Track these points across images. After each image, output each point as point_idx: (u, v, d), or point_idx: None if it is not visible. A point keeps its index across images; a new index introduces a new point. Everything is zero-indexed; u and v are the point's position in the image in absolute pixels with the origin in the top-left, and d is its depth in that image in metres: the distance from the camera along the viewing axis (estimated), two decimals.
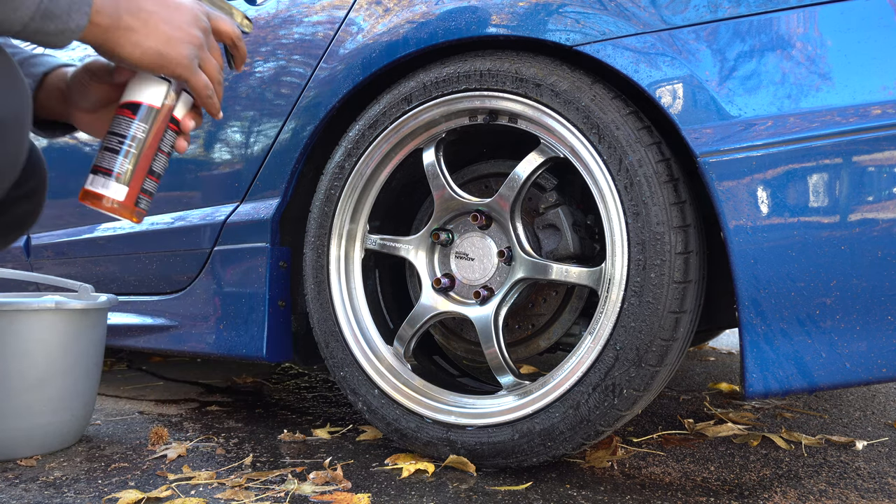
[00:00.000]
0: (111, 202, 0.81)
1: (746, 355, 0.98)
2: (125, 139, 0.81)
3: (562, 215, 1.27)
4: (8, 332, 1.29)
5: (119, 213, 0.82)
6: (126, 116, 0.81)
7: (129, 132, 0.81)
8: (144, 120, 0.81)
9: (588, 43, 1.08)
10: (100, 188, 0.80)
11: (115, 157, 0.81)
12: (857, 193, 0.91)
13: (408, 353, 1.33)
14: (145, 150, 0.82)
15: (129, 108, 0.81)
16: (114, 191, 0.81)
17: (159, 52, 0.76)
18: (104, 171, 0.81)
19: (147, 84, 0.82)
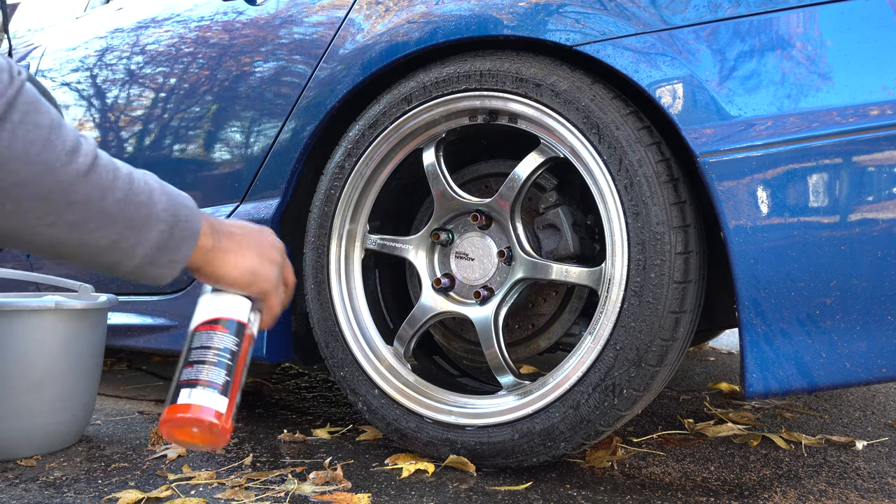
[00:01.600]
0: (212, 414, 0.74)
1: (746, 355, 0.98)
2: (220, 351, 0.78)
3: (562, 215, 1.27)
4: (8, 332, 1.29)
5: (213, 432, 0.75)
6: (217, 331, 0.79)
7: (222, 344, 0.79)
8: (236, 334, 0.80)
9: (588, 43, 1.08)
10: (199, 400, 0.74)
11: (212, 369, 0.77)
12: (857, 193, 0.91)
13: (408, 353, 1.33)
14: (239, 363, 0.80)
15: (217, 322, 0.79)
16: (216, 402, 0.75)
17: (253, 271, 0.81)
18: (202, 383, 0.75)
19: (231, 301, 0.81)
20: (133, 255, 0.70)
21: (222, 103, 1.59)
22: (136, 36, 1.84)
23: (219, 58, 1.61)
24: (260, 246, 0.83)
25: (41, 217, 0.64)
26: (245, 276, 0.81)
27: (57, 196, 0.64)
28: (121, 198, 0.69)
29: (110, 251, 0.69)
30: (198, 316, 0.81)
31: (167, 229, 0.72)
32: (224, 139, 1.59)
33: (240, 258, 0.80)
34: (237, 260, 0.80)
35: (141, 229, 0.70)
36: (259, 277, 0.82)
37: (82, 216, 0.66)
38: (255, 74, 1.53)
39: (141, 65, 1.79)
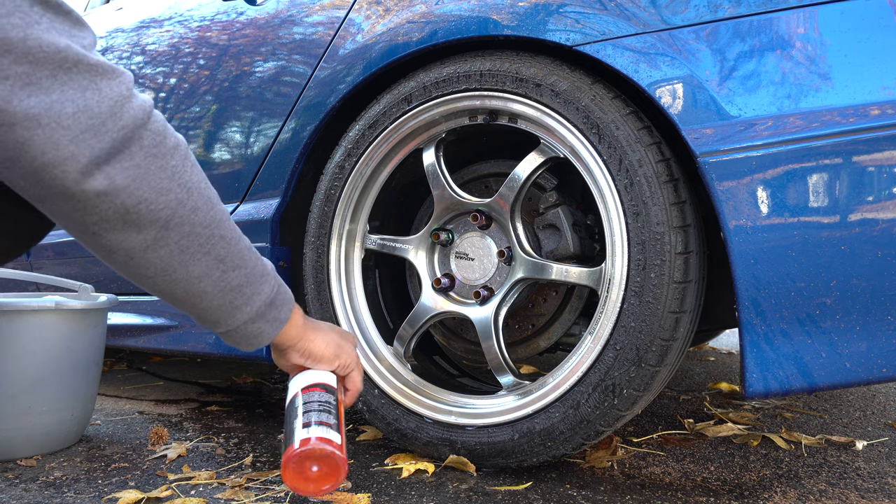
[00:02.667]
0: (331, 447, 0.83)
1: (746, 355, 0.98)
2: (325, 403, 0.90)
3: (562, 215, 1.27)
4: (8, 331, 1.29)
5: (337, 458, 0.83)
6: (317, 391, 0.91)
7: (324, 399, 0.90)
8: (331, 392, 0.92)
9: (588, 43, 1.08)
10: (318, 433, 0.84)
11: (322, 414, 0.87)
12: (857, 193, 0.91)
13: (408, 353, 1.33)
14: (339, 412, 0.91)
15: (319, 386, 0.92)
16: (332, 435, 0.85)
17: (339, 347, 0.95)
18: (317, 422, 0.86)
19: (321, 373, 0.94)
20: (251, 303, 0.80)
21: (222, 103, 1.59)
22: (136, 36, 1.84)
23: (219, 58, 1.61)
24: (337, 329, 0.98)
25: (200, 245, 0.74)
26: (334, 351, 0.94)
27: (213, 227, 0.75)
28: (248, 245, 0.80)
29: (236, 294, 0.79)
30: (294, 387, 0.92)
31: (276, 286, 0.83)
32: (224, 139, 1.59)
33: (327, 337, 0.94)
34: (326, 337, 0.94)
35: (261, 279, 0.81)
36: (344, 353, 0.96)
37: (227, 251, 0.77)
38: (255, 74, 1.53)
39: (141, 65, 1.79)
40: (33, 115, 0.63)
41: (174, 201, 0.72)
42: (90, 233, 0.70)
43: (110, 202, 0.68)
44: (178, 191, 0.72)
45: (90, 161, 0.66)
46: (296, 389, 0.92)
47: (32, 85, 0.63)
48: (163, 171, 0.71)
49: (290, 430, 0.87)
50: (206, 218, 0.74)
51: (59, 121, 0.64)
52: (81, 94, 0.66)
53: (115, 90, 0.68)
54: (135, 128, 0.69)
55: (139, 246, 0.72)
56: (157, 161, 0.71)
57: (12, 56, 0.62)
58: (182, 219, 0.73)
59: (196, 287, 0.76)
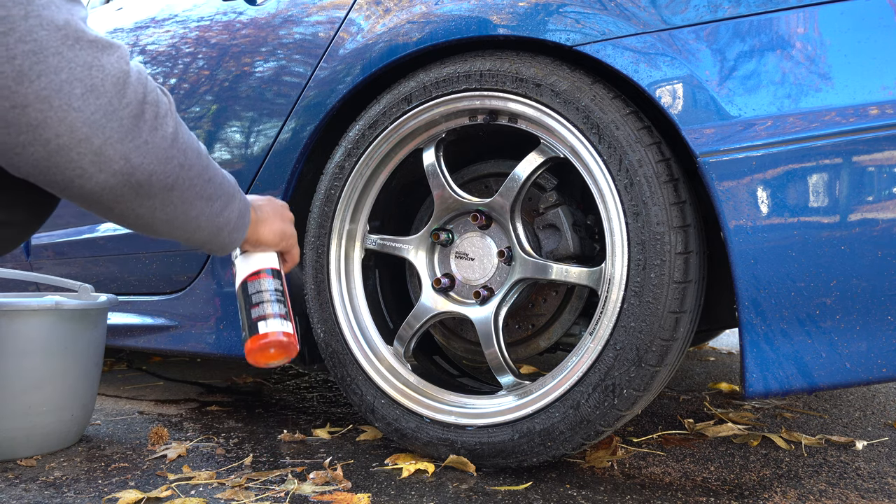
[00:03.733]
0: (286, 336, 0.97)
1: (746, 355, 0.98)
2: (273, 291, 1.00)
3: (562, 215, 1.27)
4: (8, 331, 1.29)
5: (288, 348, 0.98)
6: (263, 278, 1.01)
7: (272, 286, 1.01)
8: (276, 277, 1.02)
9: (588, 43, 1.08)
10: (274, 327, 0.97)
11: (272, 304, 0.99)
12: (857, 193, 0.91)
13: (408, 353, 1.33)
14: (286, 298, 1.02)
15: (264, 272, 1.01)
16: (285, 326, 0.98)
17: (282, 233, 1.04)
18: (271, 316, 0.98)
19: (263, 256, 1.03)
20: (230, 221, 0.88)
21: (222, 103, 1.59)
22: (136, 36, 1.84)
23: (219, 58, 1.61)
24: (279, 212, 1.05)
25: (197, 193, 0.80)
26: (277, 237, 1.03)
27: (204, 173, 0.81)
28: (220, 171, 0.86)
29: (220, 219, 0.86)
30: (241, 272, 1.02)
31: (240, 197, 0.91)
32: (224, 139, 1.59)
33: (273, 225, 1.02)
34: (271, 227, 1.01)
35: (233, 197, 0.88)
36: (286, 237, 1.05)
37: (213, 189, 0.83)
38: (255, 74, 1.53)
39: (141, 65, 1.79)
40: (45, 97, 0.63)
41: (177, 166, 0.76)
42: (104, 207, 0.73)
43: (126, 181, 0.71)
44: (178, 155, 0.76)
45: (104, 142, 0.67)
46: (245, 273, 1.01)
47: (40, 63, 0.63)
48: (164, 141, 0.74)
49: (247, 318, 0.98)
50: (198, 169, 0.80)
51: (70, 102, 0.64)
52: (87, 72, 0.66)
53: (115, 66, 0.69)
54: (138, 104, 0.71)
55: (149, 210, 0.77)
56: (159, 132, 0.73)
57: (17, 34, 0.61)
58: (183, 178, 0.78)
59: (193, 224, 0.83)
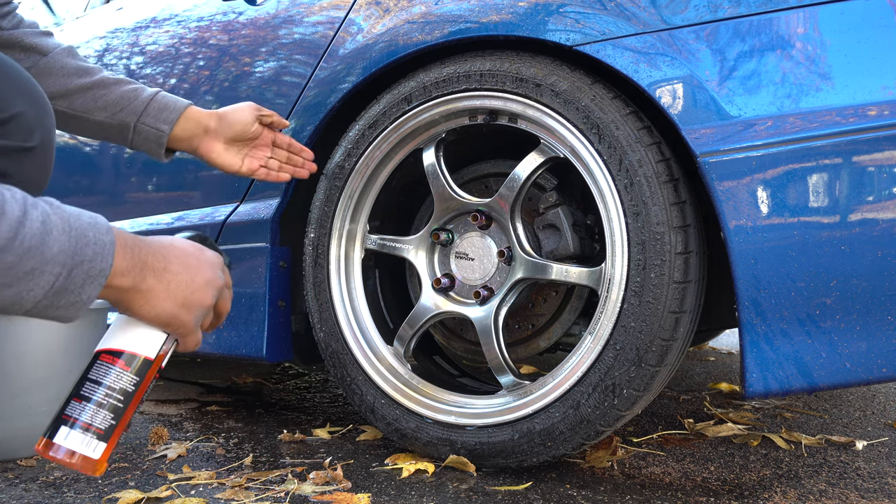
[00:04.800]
0: (83, 459, 0.71)
1: (746, 355, 0.98)
2: (113, 392, 0.73)
3: (562, 215, 1.27)
4: (8, 332, 1.29)
5: (85, 470, 0.72)
6: (115, 365, 0.73)
7: (118, 384, 0.73)
8: (138, 373, 0.74)
9: (588, 43, 1.08)
10: (74, 444, 0.71)
11: (98, 412, 0.72)
12: (857, 193, 0.91)
13: (408, 353, 1.33)
14: (132, 404, 0.74)
15: (120, 356, 0.74)
16: (91, 448, 0.71)
17: (174, 315, 0.74)
18: (82, 426, 0.71)
19: (143, 334, 0.75)
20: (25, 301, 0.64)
21: (222, 103, 1.59)
22: (136, 36, 1.84)
23: (219, 58, 1.61)
24: (191, 286, 0.75)
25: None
26: (163, 318, 0.74)
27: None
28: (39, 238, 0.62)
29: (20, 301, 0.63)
30: (105, 338, 0.76)
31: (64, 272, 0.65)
32: None
33: (160, 300, 0.73)
34: (157, 302, 0.73)
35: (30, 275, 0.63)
36: (178, 321, 0.75)
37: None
38: (255, 74, 1.53)
39: (141, 65, 1.79)
40: None
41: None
42: None
43: None
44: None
45: None
46: (102, 344, 0.76)
47: None
48: None
49: (60, 407, 0.73)
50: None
51: None
52: None
53: None
54: None
55: None
56: None
57: None
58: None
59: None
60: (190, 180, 1.65)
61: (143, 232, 1.71)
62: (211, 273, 0.78)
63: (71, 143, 1.95)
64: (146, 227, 1.71)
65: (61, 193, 1.92)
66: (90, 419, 0.71)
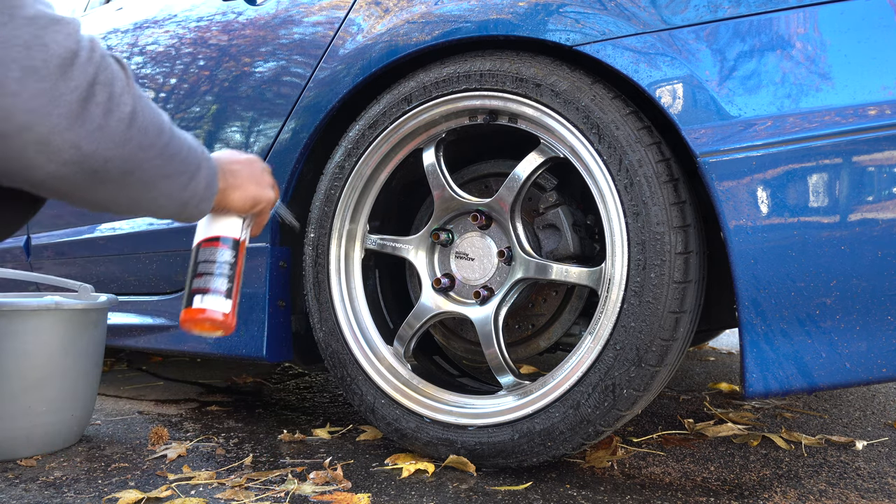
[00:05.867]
0: (218, 314, 0.94)
1: (746, 355, 0.98)
2: (221, 263, 0.96)
3: (562, 215, 1.27)
4: (8, 332, 1.29)
5: (221, 327, 0.95)
6: (216, 247, 0.97)
7: (223, 258, 0.97)
8: (232, 248, 0.98)
9: (588, 43, 1.08)
10: (209, 305, 0.94)
11: (217, 279, 0.95)
12: (857, 193, 0.91)
13: (408, 353, 1.33)
14: (237, 273, 0.98)
15: (217, 240, 0.97)
16: (221, 305, 0.95)
17: (254, 200, 0.97)
18: (210, 291, 0.94)
19: (227, 222, 0.98)
20: (196, 194, 0.83)
21: (222, 103, 1.59)
22: (136, 36, 1.84)
23: (218, 58, 1.61)
24: (255, 175, 0.98)
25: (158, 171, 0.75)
26: (249, 203, 0.96)
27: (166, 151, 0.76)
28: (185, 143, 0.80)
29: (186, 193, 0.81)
30: (199, 233, 0.98)
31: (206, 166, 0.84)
32: (224, 139, 1.59)
33: (243, 191, 0.95)
34: (243, 193, 0.95)
35: (198, 169, 0.82)
36: (258, 202, 0.98)
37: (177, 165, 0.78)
38: (255, 74, 1.53)
39: (141, 65, 1.79)
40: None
41: (136, 147, 0.71)
42: (61, 195, 0.69)
43: (78, 169, 0.66)
44: (136, 136, 0.71)
45: (50, 130, 0.62)
46: (202, 236, 0.98)
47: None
48: (120, 123, 0.69)
49: (189, 286, 0.96)
50: (160, 147, 0.74)
51: (6, 86, 0.59)
52: (26, 52, 0.60)
53: (61, 44, 0.62)
54: (88, 85, 0.65)
55: (109, 193, 0.72)
56: (114, 114, 0.68)
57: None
58: (143, 160, 0.73)
59: (157, 203, 0.79)
60: None
61: (144, 232, 1.71)
62: (260, 164, 1.01)
63: None
64: (146, 227, 1.71)
65: None
66: (212, 285, 0.95)
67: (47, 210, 2.00)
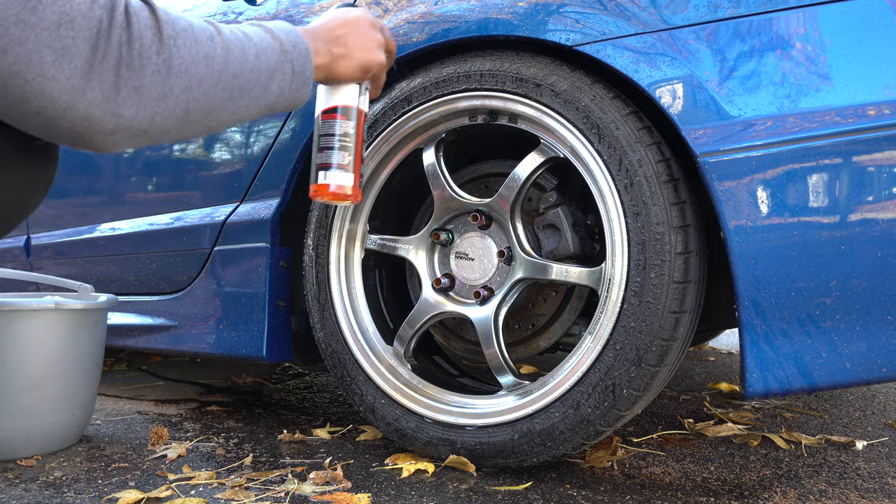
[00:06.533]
0: (343, 189, 0.98)
1: (746, 355, 0.98)
2: (342, 137, 0.98)
3: (562, 215, 1.27)
4: (8, 332, 1.29)
5: (348, 199, 1.00)
6: (334, 119, 0.98)
7: (342, 130, 0.98)
8: (350, 118, 0.98)
9: (588, 43, 1.08)
10: (333, 181, 0.97)
11: (337, 153, 0.97)
12: (857, 193, 0.91)
13: (408, 353, 1.33)
14: (357, 141, 0.99)
15: (336, 111, 0.98)
16: (344, 179, 0.98)
17: (363, 66, 0.95)
18: (332, 166, 0.97)
19: (343, 90, 0.98)
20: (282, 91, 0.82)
21: None
22: None
23: None
24: (363, 37, 0.95)
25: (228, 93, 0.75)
26: (359, 71, 0.95)
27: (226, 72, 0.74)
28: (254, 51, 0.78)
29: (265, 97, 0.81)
30: (318, 104, 1.00)
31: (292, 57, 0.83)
32: (224, 139, 1.59)
33: (349, 60, 0.93)
34: (349, 63, 0.93)
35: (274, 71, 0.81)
36: (368, 67, 0.96)
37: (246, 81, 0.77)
38: None
39: None
40: (17, 72, 0.59)
41: (183, 91, 0.68)
42: (128, 149, 0.70)
43: (127, 133, 0.66)
44: (180, 80, 0.68)
45: (88, 107, 0.62)
46: (320, 107, 1.00)
47: (4, 38, 0.57)
48: (157, 76, 0.66)
49: (314, 160, 0.99)
50: (215, 76, 0.72)
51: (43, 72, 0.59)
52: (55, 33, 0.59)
53: (87, 15, 0.61)
54: (117, 51, 0.63)
55: (177, 135, 0.72)
56: (148, 69, 0.66)
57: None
58: (198, 97, 0.70)
59: (237, 118, 0.79)
60: (190, 180, 1.65)
61: (144, 232, 1.71)
62: (369, 21, 0.97)
63: None
64: (146, 227, 1.71)
65: (61, 193, 1.92)
66: (333, 159, 0.98)
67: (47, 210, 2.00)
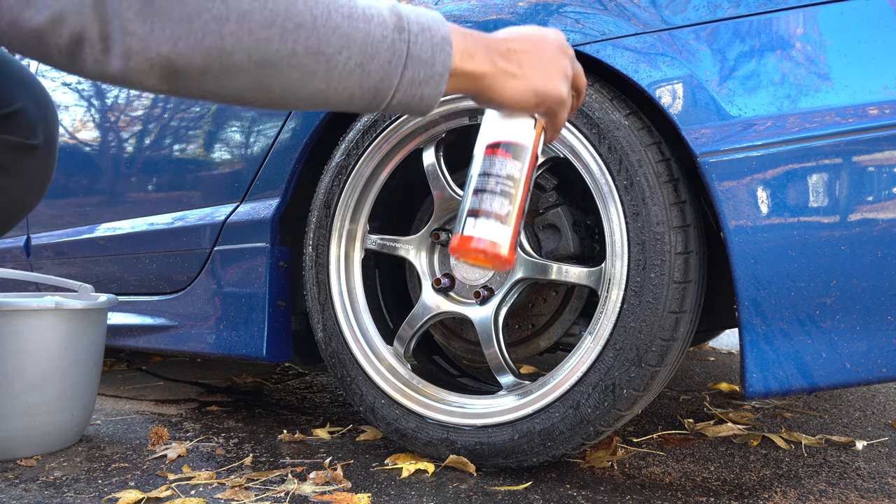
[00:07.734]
0: (496, 247, 0.76)
1: (746, 355, 0.98)
2: (504, 179, 0.76)
3: (562, 215, 1.27)
4: (8, 332, 1.29)
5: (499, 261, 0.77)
6: (498, 156, 0.77)
7: (506, 171, 0.77)
8: (519, 158, 0.77)
9: (588, 43, 1.08)
10: (484, 233, 0.75)
11: (497, 198, 0.76)
12: (857, 193, 0.91)
13: (408, 353, 1.33)
14: (523, 189, 0.78)
15: (498, 146, 0.77)
16: (499, 234, 0.76)
17: (537, 92, 0.73)
18: (485, 214, 0.76)
19: (513, 122, 0.78)
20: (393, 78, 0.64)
21: (220, 107, 1.59)
22: None
23: None
24: (543, 59, 0.74)
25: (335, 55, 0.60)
26: (528, 98, 0.73)
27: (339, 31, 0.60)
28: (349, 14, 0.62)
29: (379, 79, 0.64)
30: (482, 137, 0.80)
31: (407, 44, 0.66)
32: (224, 139, 1.59)
33: (521, 81, 0.72)
34: (519, 84, 0.72)
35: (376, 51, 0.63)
36: (544, 97, 0.74)
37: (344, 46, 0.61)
38: None
39: None
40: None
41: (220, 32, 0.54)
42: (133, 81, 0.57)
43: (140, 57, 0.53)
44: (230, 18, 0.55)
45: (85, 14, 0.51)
46: (483, 141, 0.79)
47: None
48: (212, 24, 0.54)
49: (462, 206, 0.78)
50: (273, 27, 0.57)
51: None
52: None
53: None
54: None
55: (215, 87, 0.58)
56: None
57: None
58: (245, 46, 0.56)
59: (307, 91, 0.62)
60: (190, 180, 1.65)
61: (144, 232, 1.71)
62: (557, 42, 0.76)
63: (70, 143, 1.95)
64: (146, 227, 1.71)
65: (61, 193, 1.92)
66: (486, 206, 0.76)
67: (47, 210, 2.00)
